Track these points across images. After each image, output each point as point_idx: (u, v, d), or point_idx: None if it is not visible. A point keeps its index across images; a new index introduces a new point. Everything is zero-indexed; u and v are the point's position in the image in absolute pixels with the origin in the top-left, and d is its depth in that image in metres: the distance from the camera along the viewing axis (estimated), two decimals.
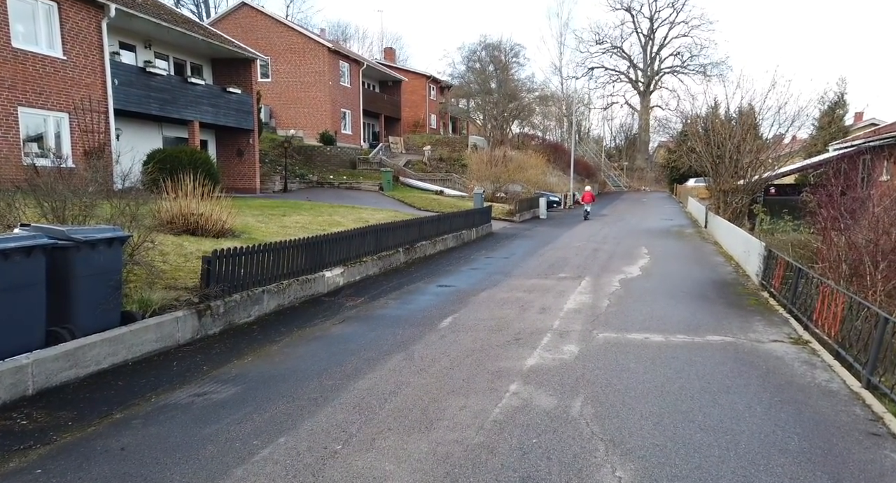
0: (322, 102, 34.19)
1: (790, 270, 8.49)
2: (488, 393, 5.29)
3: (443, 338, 7.15)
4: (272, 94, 33.99)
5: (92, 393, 5.12)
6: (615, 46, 62.98)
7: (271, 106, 34.24)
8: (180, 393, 5.23)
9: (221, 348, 6.59)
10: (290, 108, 34.67)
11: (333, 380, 5.64)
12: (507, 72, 37.34)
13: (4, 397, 4.67)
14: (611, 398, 5.06)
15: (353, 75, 37.07)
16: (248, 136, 23.83)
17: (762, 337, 6.91)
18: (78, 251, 5.27)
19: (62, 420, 4.59)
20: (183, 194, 10.03)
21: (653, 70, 63.02)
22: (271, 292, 8.05)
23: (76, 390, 5.15)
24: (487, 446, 4.22)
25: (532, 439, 4.30)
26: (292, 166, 27.70)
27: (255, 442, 4.34)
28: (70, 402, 4.90)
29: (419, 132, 48.61)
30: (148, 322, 6.02)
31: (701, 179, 43.83)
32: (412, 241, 13.01)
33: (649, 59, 62.74)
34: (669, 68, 62.74)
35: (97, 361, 5.43)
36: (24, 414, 4.65)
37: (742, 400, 4.93)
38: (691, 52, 60.55)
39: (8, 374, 4.67)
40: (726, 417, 4.57)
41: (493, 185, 27.07)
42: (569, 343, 6.81)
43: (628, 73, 64.08)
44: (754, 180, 17.60)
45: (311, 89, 34.16)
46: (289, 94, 34.51)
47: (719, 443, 4.14)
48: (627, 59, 63.63)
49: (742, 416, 4.59)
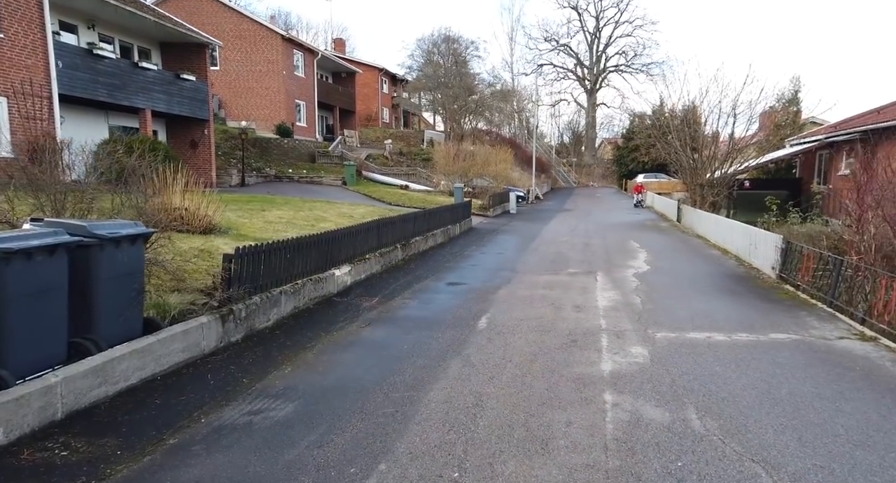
0: (276, 93, 32.46)
1: (821, 263, 8.37)
2: (585, 405, 4.69)
3: (490, 341, 6.51)
4: (221, 83, 31.92)
5: (129, 414, 4.38)
6: (563, 44, 63.83)
7: (220, 95, 32.14)
8: (231, 412, 4.52)
9: (252, 357, 5.81)
10: (241, 98, 32.70)
11: (399, 392, 4.99)
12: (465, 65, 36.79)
13: (33, 423, 3.93)
14: (724, 408, 4.57)
15: (308, 65, 35.46)
16: (203, 126, 22.09)
17: (826, 334, 6.67)
18: (101, 250, 4.38)
19: (108, 449, 3.85)
20: (163, 187, 8.78)
21: (599, 68, 64.34)
22: (287, 294, 7.14)
23: (109, 411, 4.40)
24: (630, 472, 3.62)
25: (676, 463, 3.72)
26: (248, 159, 26.03)
27: (351, 470, 3.70)
28: (108, 427, 4.17)
29: (372, 126, 47.42)
30: (174, 330, 5.17)
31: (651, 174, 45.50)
32: (408, 236, 12.22)
33: (595, 58, 64.00)
34: (615, 67, 64.27)
35: (126, 377, 4.63)
36: (60, 443, 3.87)
37: (869, 408, 4.55)
38: (635, 51, 62.26)
39: (36, 395, 3.91)
40: (871, 429, 4.17)
41: (460, 179, 26.47)
42: (632, 345, 6.30)
43: (576, 70, 65.14)
44: (730, 173, 17.90)
45: (264, 79, 32.34)
46: (240, 84, 32.54)
47: (892, 463, 3.69)
48: (575, 57, 64.67)
49: (887, 428, 4.18)
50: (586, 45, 64.14)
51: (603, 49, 63.72)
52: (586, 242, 15.47)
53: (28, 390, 3.84)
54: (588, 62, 64.32)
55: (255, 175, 26.02)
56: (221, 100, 32.39)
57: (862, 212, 7.98)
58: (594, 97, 64.75)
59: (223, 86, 32.11)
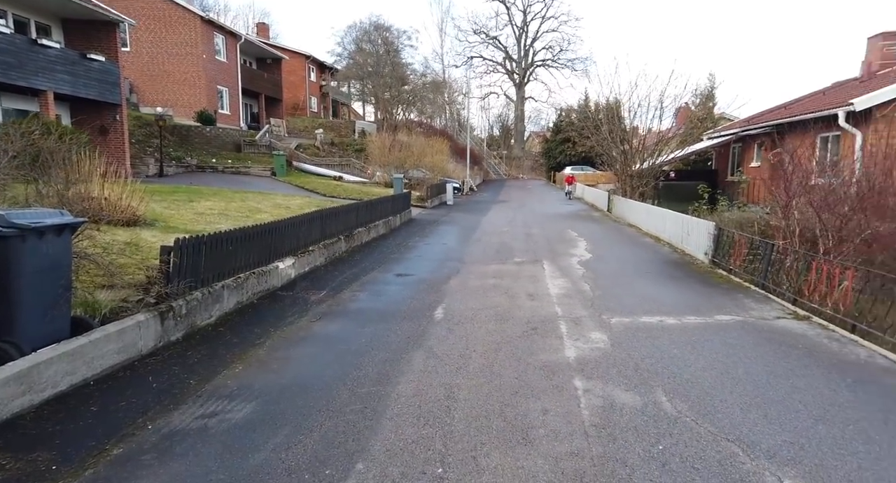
0: (196, 78, 30.48)
1: (752, 247, 8.87)
2: (558, 392, 4.66)
3: (451, 331, 6.37)
4: (133, 65, 29.53)
5: (61, 424, 3.90)
6: (492, 37, 64.46)
7: (132, 79, 29.75)
8: (181, 416, 4.13)
9: (197, 357, 5.35)
10: (156, 82, 30.46)
11: (365, 387, 4.77)
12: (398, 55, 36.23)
13: None
14: (690, 390, 4.66)
15: (230, 50, 33.57)
16: (115, 111, 20.31)
17: (764, 314, 7.03)
18: (23, 241, 3.82)
19: (40, 464, 3.41)
20: (80, 174, 7.89)
21: (527, 62, 65.57)
22: (230, 288, 6.64)
23: (37, 422, 3.91)
24: (614, 458, 3.60)
25: (657, 446, 3.73)
26: (166, 148, 24.29)
27: (327, 471, 3.48)
28: (38, 439, 3.72)
29: (300, 115, 45.81)
30: (107, 330, 4.64)
31: (577, 167, 47.05)
32: (351, 228, 11.80)
33: (523, 52, 65.15)
34: (542, 61, 65.72)
35: (54, 383, 4.11)
36: None
37: (819, 383, 4.78)
38: (561, 46, 63.97)
39: None
40: (826, 404, 4.37)
41: (396, 170, 26.08)
42: (591, 331, 6.36)
43: (505, 64, 66.03)
44: (657, 164, 18.72)
45: (181, 63, 30.28)
46: (154, 67, 30.28)
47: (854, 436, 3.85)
48: (503, 51, 65.49)
49: (840, 402, 4.40)
50: (514, 39, 65.12)
51: (530, 43, 64.97)
52: (527, 232, 15.65)
53: None
54: (516, 56, 65.37)
55: (174, 165, 24.36)
56: (133, 84, 30.00)
57: (789, 199, 8.50)
58: (523, 91, 65.97)
59: (135, 69, 29.74)
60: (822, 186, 8.47)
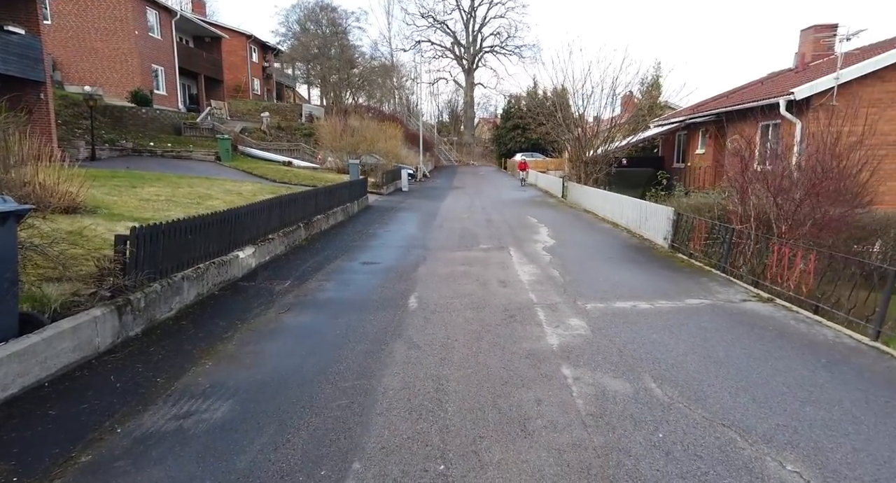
0: (127, 55, 28.49)
1: (713, 233, 9.12)
2: (547, 381, 4.58)
3: (428, 321, 6.19)
4: (55, 40, 27.24)
5: (17, 431, 3.52)
6: (439, 22, 63.78)
7: (55, 55, 27.47)
8: (152, 417, 3.82)
9: (162, 353, 4.97)
10: (82, 59, 28.28)
11: (348, 381, 4.55)
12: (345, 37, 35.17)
13: None
14: (677, 375, 4.69)
15: (165, 26, 31.54)
16: (39, 89, 18.66)
17: (730, 297, 7.23)
18: None
19: (0, 476, 3.06)
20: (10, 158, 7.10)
21: (476, 48, 65.32)
22: (190, 279, 6.20)
23: None
24: (617, 448, 3.55)
25: (657, 434, 3.71)
26: (97, 130, 22.62)
27: (322, 472, 3.29)
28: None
29: (242, 97, 43.90)
30: (61, 326, 4.22)
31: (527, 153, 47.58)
32: (310, 215, 11.34)
33: (472, 37, 64.84)
34: (490, 47, 65.67)
35: (3, 386, 3.72)
36: None
37: (797, 365, 4.89)
38: (508, 33, 64.14)
39: None
40: (807, 385, 4.48)
41: (348, 156, 25.41)
42: (568, 317, 6.33)
43: (453, 49, 65.54)
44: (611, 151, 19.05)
45: (111, 38, 28.21)
46: (80, 43, 28.08)
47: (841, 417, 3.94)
48: (452, 36, 64.95)
49: (820, 383, 4.51)
50: (462, 24, 64.72)
51: (478, 29, 64.69)
52: (488, 218, 15.60)
53: None
54: (465, 41, 64.98)
55: (107, 148, 22.75)
56: (56, 60, 27.71)
57: (746, 184, 8.77)
58: (472, 77, 65.75)
59: (58, 44, 27.46)
60: (777, 172, 8.76)
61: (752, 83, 24.02)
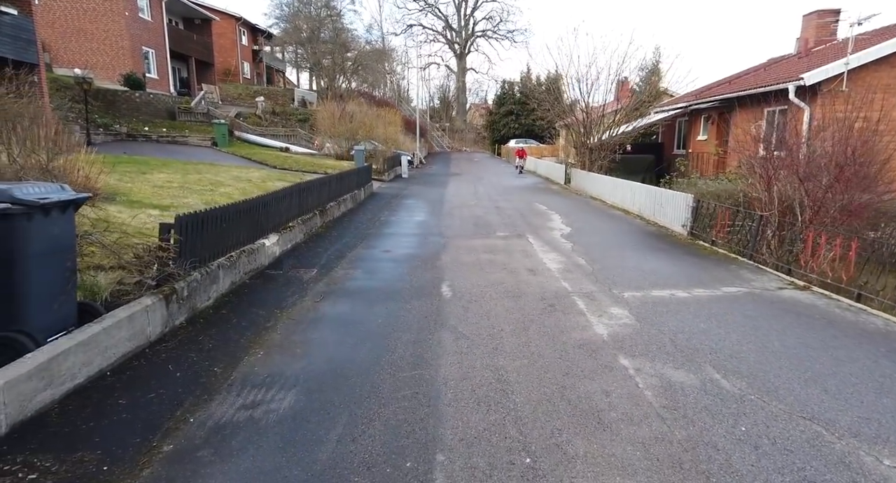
0: (118, 37, 27.72)
1: (737, 218, 9.08)
2: (609, 372, 4.51)
3: (467, 310, 6.10)
4: (43, 21, 26.32)
5: (93, 420, 3.51)
6: (430, 4, 62.93)
7: (43, 36, 26.62)
8: (220, 407, 3.78)
9: (211, 342, 4.90)
10: (71, 41, 27.49)
11: (405, 372, 4.50)
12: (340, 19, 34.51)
13: None
14: (738, 366, 4.64)
15: (155, 7, 30.70)
16: (32, 72, 18.03)
17: (766, 285, 7.20)
18: (29, 220, 3.20)
19: (89, 465, 3.05)
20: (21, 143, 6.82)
21: (468, 32, 64.61)
22: (225, 267, 6.09)
23: (66, 418, 3.50)
24: (703, 441, 3.50)
25: (739, 428, 3.66)
26: (90, 114, 22.04)
27: (408, 464, 3.23)
28: (75, 437, 3.31)
29: (232, 81, 43.06)
30: (118, 315, 4.14)
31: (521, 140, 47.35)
32: (324, 202, 11.14)
33: (464, 22, 64.11)
34: (482, 32, 65.00)
35: (72, 375, 3.64)
36: (20, 463, 3.00)
37: (857, 354, 4.86)
38: (500, 17, 63.50)
39: None
40: (876, 375, 4.44)
41: (347, 142, 25.07)
42: (609, 306, 6.26)
43: (445, 33, 64.79)
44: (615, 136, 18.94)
45: (100, 19, 27.41)
46: (68, 24, 27.28)
47: None
48: (444, 20, 64.20)
49: (888, 373, 4.46)
50: (454, 8, 63.91)
51: (471, 12, 63.94)
52: (496, 206, 15.47)
53: None
54: (457, 25, 64.25)
55: (101, 133, 22.20)
56: (45, 41, 26.86)
57: (772, 170, 8.71)
58: (464, 62, 65.13)
59: (45, 24, 26.53)
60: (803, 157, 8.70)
61: (754, 69, 23.97)
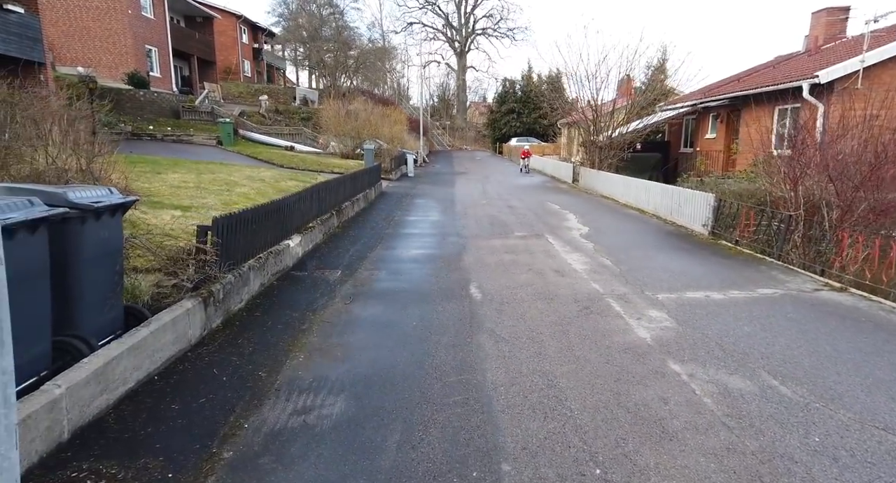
0: (121, 35, 27.51)
1: (763, 218, 8.96)
2: (661, 378, 4.39)
3: (501, 312, 5.98)
4: (46, 19, 25.99)
5: (149, 425, 3.48)
6: (430, 2, 62.64)
7: (46, 35, 26.38)
8: (272, 413, 3.72)
9: (251, 346, 4.82)
10: (74, 39, 27.26)
11: (451, 376, 4.40)
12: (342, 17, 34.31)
13: (41, 449, 2.96)
14: (794, 371, 4.52)
15: (157, 5, 30.48)
16: (39, 71, 17.87)
17: (801, 286, 7.08)
18: (82, 224, 3.12)
19: (154, 472, 3.03)
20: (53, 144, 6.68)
21: (468, 30, 64.36)
22: (254, 269, 6.00)
23: (122, 424, 3.47)
24: (779, 453, 3.39)
25: (812, 438, 3.53)
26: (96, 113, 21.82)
27: (474, 474, 3.14)
28: (135, 443, 3.29)
29: (232, 80, 42.84)
30: (163, 319, 4.09)
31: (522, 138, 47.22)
32: (340, 202, 11.00)
33: (464, 19, 63.86)
34: (482, 30, 64.77)
35: (124, 379, 3.63)
36: (86, 470, 2.96)
37: None
38: (501, 15, 63.29)
39: (42, 413, 2.93)
40: None
41: (352, 141, 24.91)
42: (646, 309, 6.14)
43: (445, 31, 64.56)
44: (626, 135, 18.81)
45: (103, 18, 27.20)
46: (71, 22, 27.06)
47: None
48: (443, 17, 63.95)
49: None
50: (454, 6, 63.67)
51: (471, 10, 63.70)
52: (508, 205, 15.34)
53: (33, 408, 2.83)
54: (456, 23, 64.02)
55: (106, 132, 21.93)
56: (48, 40, 26.64)
57: (802, 171, 8.59)
58: (464, 60, 64.89)
59: (48, 22, 26.24)
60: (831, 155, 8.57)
61: (762, 67, 23.83)
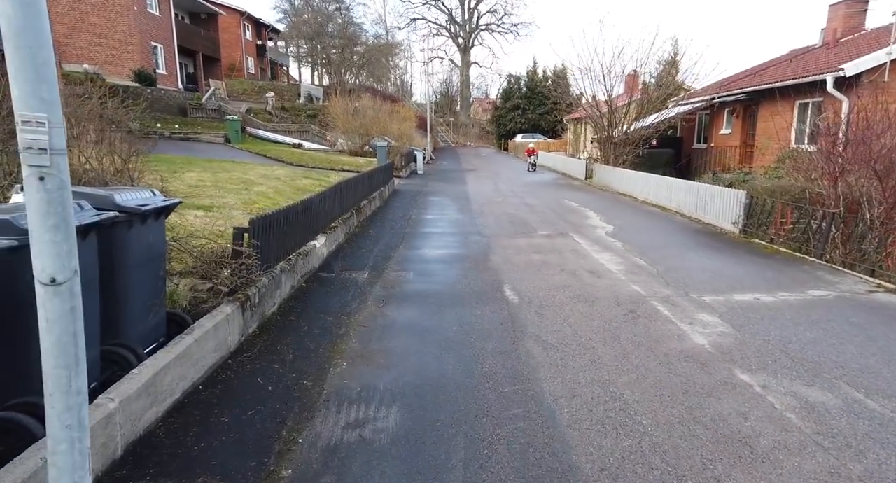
0: (127, 32, 27.20)
1: (803, 217, 8.63)
2: (732, 390, 4.09)
3: (542, 316, 5.71)
4: (51, 15, 25.84)
5: (202, 440, 3.26)
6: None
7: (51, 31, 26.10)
8: (325, 426, 3.49)
9: (291, 352, 4.57)
10: (79, 36, 26.96)
11: (506, 387, 4.14)
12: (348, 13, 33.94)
13: (97, 468, 2.76)
14: (876, 382, 4.21)
15: (163, 1, 30.13)
16: None
17: (853, 288, 6.78)
18: (129, 228, 2.88)
19: None
20: None
21: (471, 26, 63.85)
22: (285, 271, 5.77)
23: (173, 439, 3.26)
24: (887, 478, 3.04)
25: None
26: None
27: None
28: (189, 460, 3.07)
29: (236, 77, 42.57)
30: (205, 326, 3.86)
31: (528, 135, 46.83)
32: (359, 200, 10.70)
33: (467, 15, 63.35)
34: (486, 25, 64.26)
35: (171, 390, 3.41)
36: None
37: None
38: (504, 10, 62.73)
39: (98, 429, 2.72)
40: None
41: (361, 138, 24.59)
42: (695, 312, 5.84)
43: (449, 27, 64.07)
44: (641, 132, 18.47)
45: (109, 14, 26.89)
46: (76, 19, 26.75)
47: None
48: (447, 13, 63.44)
49: None
50: (458, 1, 63.17)
51: (474, 5, 63.18)
52: (525, 203, 15.02)
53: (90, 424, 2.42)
54: (460, 19, 63.50)
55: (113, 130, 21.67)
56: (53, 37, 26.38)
57: (843, 166, 8.26)
58: (468, 55, 64.40)
59: (53, 19, 26.04)
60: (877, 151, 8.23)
61: (777, 60, 23.42)
